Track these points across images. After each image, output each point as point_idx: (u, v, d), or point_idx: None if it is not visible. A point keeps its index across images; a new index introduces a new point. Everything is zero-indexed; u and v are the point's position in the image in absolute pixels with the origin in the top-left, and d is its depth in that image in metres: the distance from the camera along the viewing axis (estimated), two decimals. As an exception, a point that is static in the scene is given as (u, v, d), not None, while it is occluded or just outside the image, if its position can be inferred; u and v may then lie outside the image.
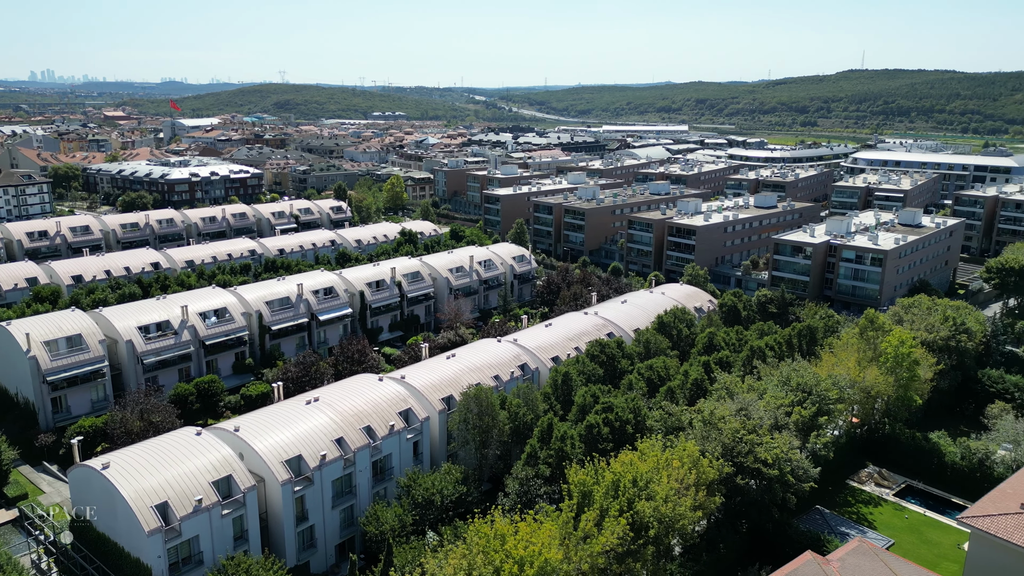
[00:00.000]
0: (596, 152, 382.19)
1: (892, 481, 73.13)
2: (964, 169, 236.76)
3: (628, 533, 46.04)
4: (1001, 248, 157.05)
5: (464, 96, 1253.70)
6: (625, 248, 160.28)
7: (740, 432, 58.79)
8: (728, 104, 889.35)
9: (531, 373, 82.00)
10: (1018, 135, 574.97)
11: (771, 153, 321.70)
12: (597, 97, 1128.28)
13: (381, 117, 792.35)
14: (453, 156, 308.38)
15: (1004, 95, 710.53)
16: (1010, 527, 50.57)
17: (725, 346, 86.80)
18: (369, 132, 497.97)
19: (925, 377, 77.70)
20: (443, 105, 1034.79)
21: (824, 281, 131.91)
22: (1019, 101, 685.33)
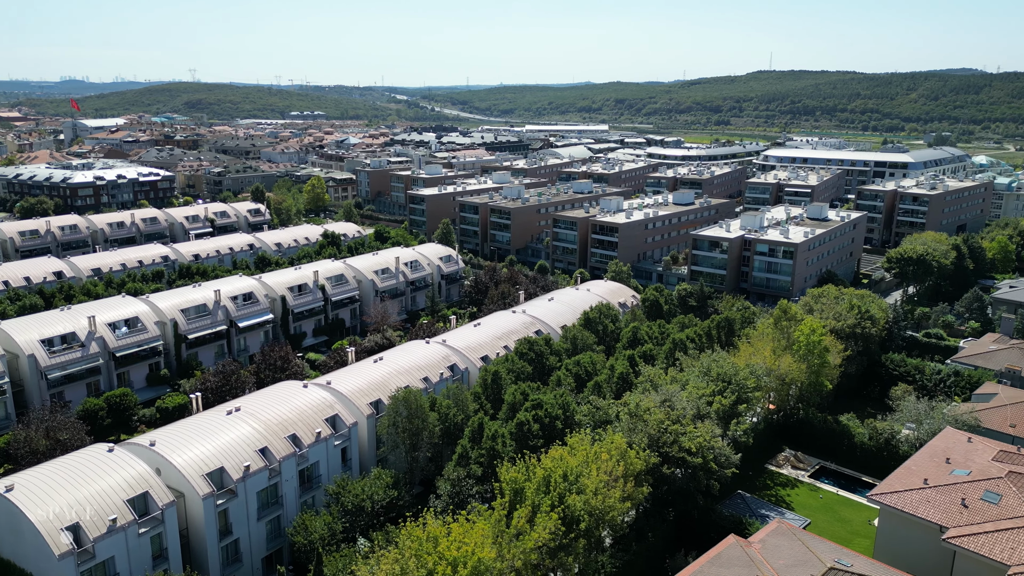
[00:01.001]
0: (520, 152, 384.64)
1: (807, 463, 76.75)
2: (865, 165, 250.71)
3: (560, 527, 46.59)
4: (900, 239, 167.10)
5: (385, 95, 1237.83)
6: (551, 246, 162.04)
7: (665, 423, 60.42)
8: (646, 104, 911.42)
9: (461, 373, 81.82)
10: (913, 132, 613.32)
11: (688, 152, 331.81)
12: (519, 97, 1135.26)
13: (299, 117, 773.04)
14: (376, 156, 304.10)
15: (900, 94, 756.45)
16: (915, 502, 53.94)
17: (649, 340, 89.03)
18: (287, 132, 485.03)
19: (834, 363, 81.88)
20: (364, 104, 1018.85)
21: (740, 274, 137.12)
22: (913, 100, 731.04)
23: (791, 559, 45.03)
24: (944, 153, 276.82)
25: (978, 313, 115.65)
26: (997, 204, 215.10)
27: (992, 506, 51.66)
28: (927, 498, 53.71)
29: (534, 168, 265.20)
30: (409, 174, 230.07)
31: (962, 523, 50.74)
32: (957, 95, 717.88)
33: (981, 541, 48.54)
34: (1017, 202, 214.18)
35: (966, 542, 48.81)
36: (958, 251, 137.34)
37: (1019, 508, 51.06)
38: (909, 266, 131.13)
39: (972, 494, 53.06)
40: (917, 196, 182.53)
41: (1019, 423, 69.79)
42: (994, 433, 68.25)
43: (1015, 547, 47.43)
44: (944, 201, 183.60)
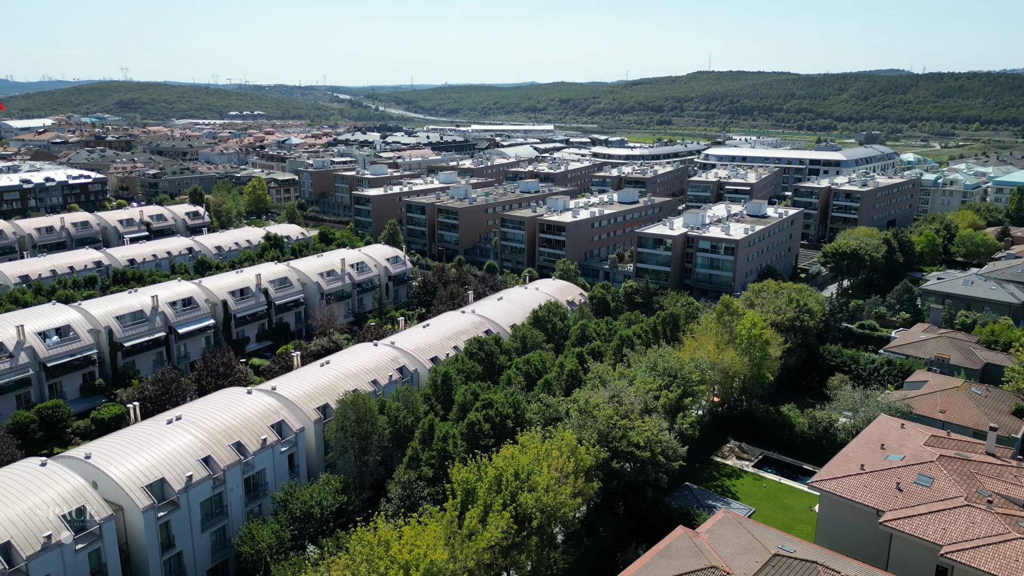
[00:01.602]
0: (466, 151, 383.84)
1: (751, 453, 78.86)
2: (801, 163, 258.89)
3: (512, 526, 46.70)
4: (835, 234, 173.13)
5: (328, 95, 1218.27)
6: (499, 246, 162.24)
7: (614, 418, 61.21)
8: (590, 104, 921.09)
9: (410, 375, 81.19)
10: (845, 131, 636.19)
11: (631, 151, 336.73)
12: (464, 96, 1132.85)
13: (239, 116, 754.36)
14: (319, 156, 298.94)
15: (832, 95, 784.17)
16: (853, 487, 55.99)
17: (597, 337, 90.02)
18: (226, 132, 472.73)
19: (775, 355, 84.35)
20: (306, 104, 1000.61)
21: (684, 271, 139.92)
22: (845, 100, 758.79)
23: (737, 547, 46.18)
24: (874, 151, 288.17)
25: (908, 304, 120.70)
26: (924, 200, 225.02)
27: (925, 489, 54.02)
28: (864, 483, 55.81)
29: (481, 168, 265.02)
30: (354, 174, 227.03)
31: (897, 506, 52.89)
32: (885, 95, 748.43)
33: (915, 523, 50.69)
34: (943, 197, 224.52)
35: (901, 524, 50.91)
36: (889, 245, 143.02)
37: (950, 490, 53.54)
38: (843, 260, 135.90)
39: (906, 478, 55.37)
40: (850, 193, 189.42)
41: (948, 409, 73.18)
42: (925, 419, 71.37)
43: (946, 528, 49.72)
44: (875, 197, 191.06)
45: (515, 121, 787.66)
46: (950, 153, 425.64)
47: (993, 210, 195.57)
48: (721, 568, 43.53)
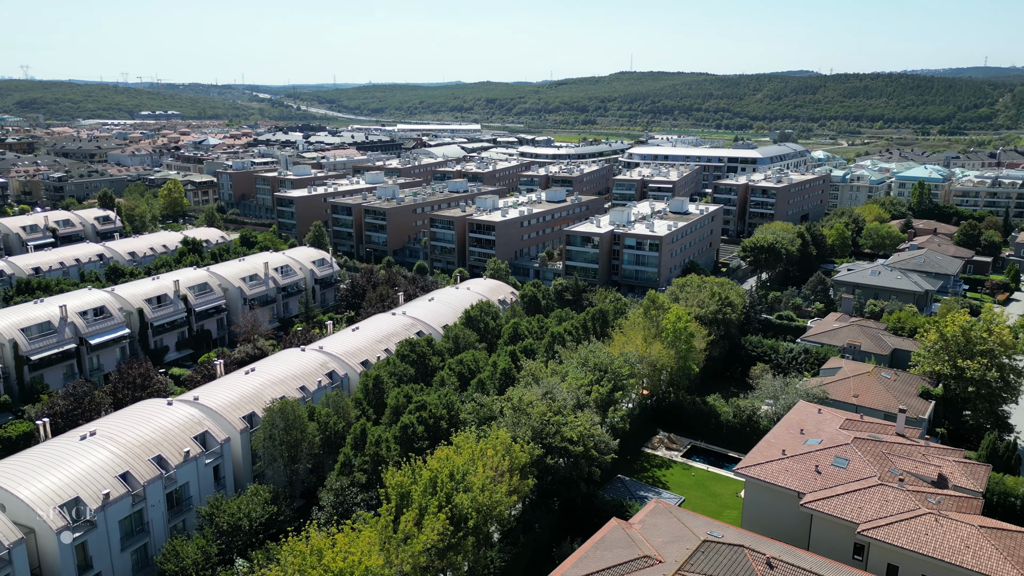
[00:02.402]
0: (392, 151, 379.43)
1: (680, 444, 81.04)
2: (720, 161, 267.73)
3: (448, 527, 46.47)
4: (753, 229, 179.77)
5: (246, 94, 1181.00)
6: (429, 246, 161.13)
7: (547, 415, 61.75)
8: (516, 104, 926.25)
9: (340, 380, 79.64)
10: (760, 130, 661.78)
11: (558, 150, 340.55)
12: (390, 96, 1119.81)
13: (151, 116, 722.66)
14: (238, 157, 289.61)
15: (748, 95, 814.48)
16: (775, 472, 58.31)
17: (529, 335, 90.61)
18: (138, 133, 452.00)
19: (700, 347, 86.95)
20: (223, 103, 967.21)
21: (611, 267, 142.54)
22: (759, 100, 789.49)
23: (669, 536, 47.37)
24: (787, 149, 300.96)
25: (822, 295, 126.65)
26: (834, 195, 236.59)
27: (841, 470, 56.79)
28: (786, 468, 58.22)
29: (408, 168, 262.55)
30: (276, 175, 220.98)
31: (817, 488, 55.42)
32: (797, 95, 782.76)
33: (833, 503, 53.23)
34: (851, 192, 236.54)
35: (820, 505, 53.37)
36: (803, 239, 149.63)
37: (864, 471, 56.47)
38: (761, 254, 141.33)
39: (824, 461, 58.07)
40: (766, 189, 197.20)
41: (861, 393, 77.17)
42: (840, 404, 75.05)
43: (862, 506, 52.41)
44: (789, 193, 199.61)
45: (442, 120, 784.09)
46: (857, 150, 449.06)
47: (897, 204, 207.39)
48: (654, 557, 44.56)
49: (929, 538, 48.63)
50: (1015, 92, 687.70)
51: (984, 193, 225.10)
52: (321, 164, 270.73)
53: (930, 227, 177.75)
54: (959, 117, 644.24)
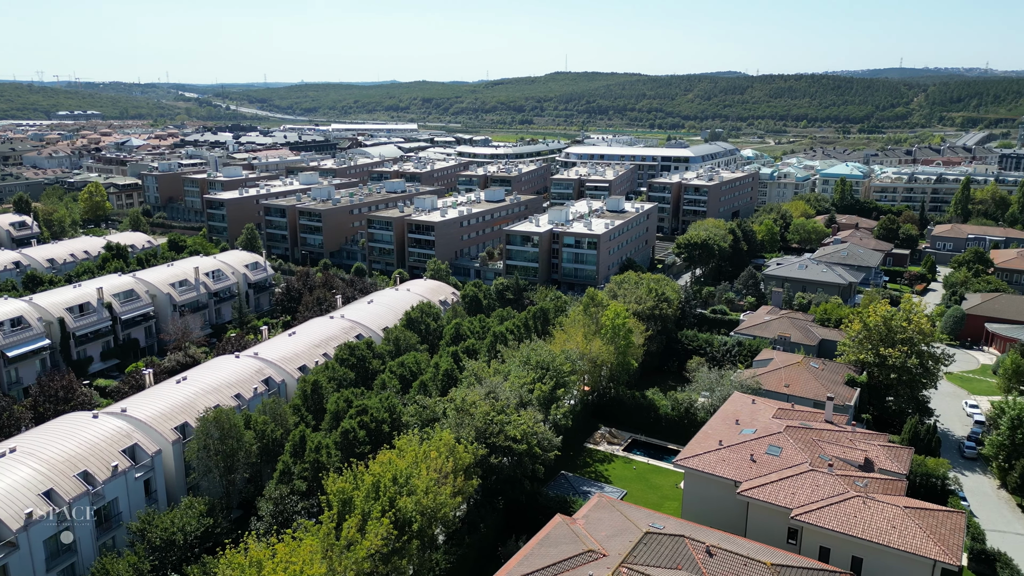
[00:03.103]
0: (327, 151, 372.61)
1: (621, 438, 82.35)
2: (654, 160, 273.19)
3: (392, 532, 45.95)
4: (686, 226, 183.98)
5: (172, 93, 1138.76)
6: (367, 247, 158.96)
7: (490, 414, 61.78)
8: (453, 103, 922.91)
9: (277, 386, 77.76)
10: (692, 129, 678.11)
11: (496, 150, 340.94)
12: (323, 95, 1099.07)
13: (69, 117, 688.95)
14: (165, 159, 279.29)
15: (679, 95, 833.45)
16: (712, 462, 59.89)
17: (471, 335, 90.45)
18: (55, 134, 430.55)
19: (638, 343, 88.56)
20: (147, 103, 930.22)
21: (551, 266, 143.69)
22: (690, 100, 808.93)
23: (612, 529, 48.06)
24: (718, 148, 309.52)
25: (753, 289, 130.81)
26: (763, 192, 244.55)
27: (775, 458, 58.76)
28: (722, 458, 59.87)
29: (344, 168, 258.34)
30: (205, 177, 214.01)
31: (752, 476, 57.18)
32: (726, 95, 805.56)
33: (768, 490, 55.03)
34: (778, 189, 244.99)
35: (756, 493, 55.09)
36: (734, 235, 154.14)
37: (796, 458, 58.57)
38: (695, 250, 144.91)
39: (759, 449, 59.98)
40: (698, 187, 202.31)
41: (791, 383, 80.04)
42: (772, 394, 77.68)
43: (795, 492, 54.35)
44: (720, 191, 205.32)
45: (377, 120, 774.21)
46: (783, 149, 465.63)
47: (821, 200, 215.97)
48: (598, 551, 45.12)
49: (857, 520, 50.81)
50: (928, 92, 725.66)
51: (901, 189, 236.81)
52: (253, 165, 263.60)
53: (852, 222, 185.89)
54: (877, 116, 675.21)
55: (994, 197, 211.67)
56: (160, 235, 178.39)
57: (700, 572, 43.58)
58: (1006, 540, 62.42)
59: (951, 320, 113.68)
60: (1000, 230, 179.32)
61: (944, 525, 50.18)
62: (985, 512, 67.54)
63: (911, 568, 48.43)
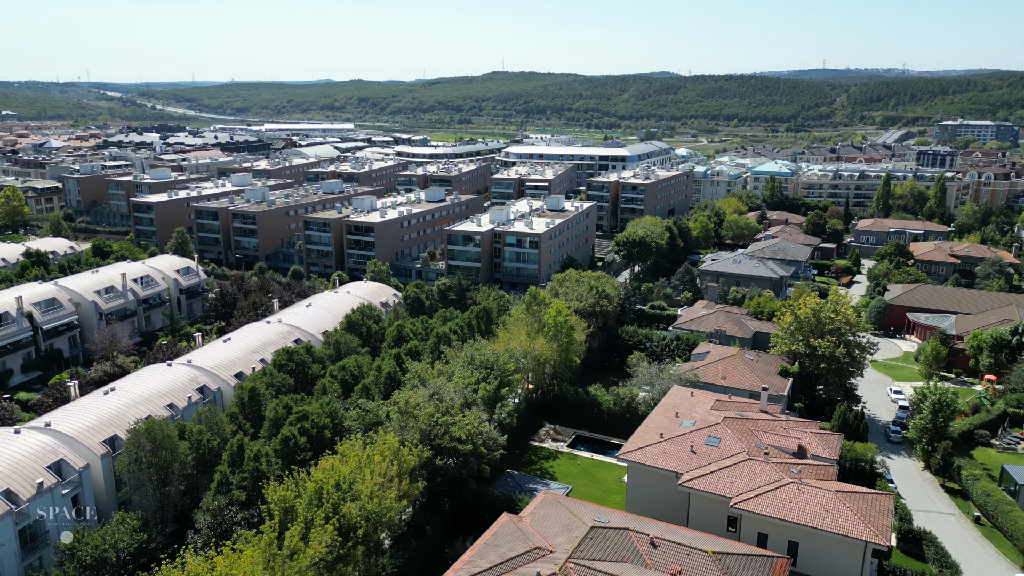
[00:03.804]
0: (261, 152, 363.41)
1: (565, 434, 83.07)
2: (592, 159, 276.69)
3: (336, 539, 45.17)
4: (625, 224, 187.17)
5: (93, 92, 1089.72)
6: (304, 250, 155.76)
7: (435, 416, 61.41)
8: (390, 103, 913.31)
9: (212, 394, 75.44)
10: (628, 129, 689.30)
11: (435, 150, 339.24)
12: (255, 94, 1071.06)
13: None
14: (87, 160, 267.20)
15: (615, 95, 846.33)
16: (654, 455, 61.03)
17: (413, 336, 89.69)
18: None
19: (580, 340, 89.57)
20: (67, 102, 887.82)
21: (493, 265, 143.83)
22: (626, 100, 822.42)
23: (558, 526, 48.44)
24: (653, 147, 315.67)
25: (689, 284, 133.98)
26: (697, 189, 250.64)
27: (714, 449, 60.32)
28: (664, 450, 61.10)
29: (278, 169, 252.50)
30: (131, 179, 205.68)
31: (693, 467, 58.53)
32: (660, 95, 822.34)
33: (708, 481, 56.43)
34: (712, 187, 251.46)
35: (696, 484, 56.43)
36: (671, 232, 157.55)
37: (734, 447, 60.26)
38: (634, 248, 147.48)
39: (698, 441, 61.45)
40: (635, 185, 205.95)
41: (728, 375, 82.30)
42: (710, 386, 79.69)
43: (733, 481, 55.90)
44: (657, 189, 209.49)
45: (312, 120, 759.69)
46: (716, 147, 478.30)
47: (752, 197, 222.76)
48: (544, 547, 45.42)
49: (793, 506, 52.63)
50: (850, 92, 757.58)
51: (827, 185, 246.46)
52: (182, 167, 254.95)
53: (782, 218, 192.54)
54: (803, 115, 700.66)
55: (913, 192, 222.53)
56: (84, 240, 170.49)
57: (645, 563, 44.36)
58: (931, 519, 65.80)
59: (875, 310, 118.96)
60: (919, 224, 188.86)
61: (873, 507, 52.47)
62: (911, 493, 70.99)
63: (844, 550, 50.48)
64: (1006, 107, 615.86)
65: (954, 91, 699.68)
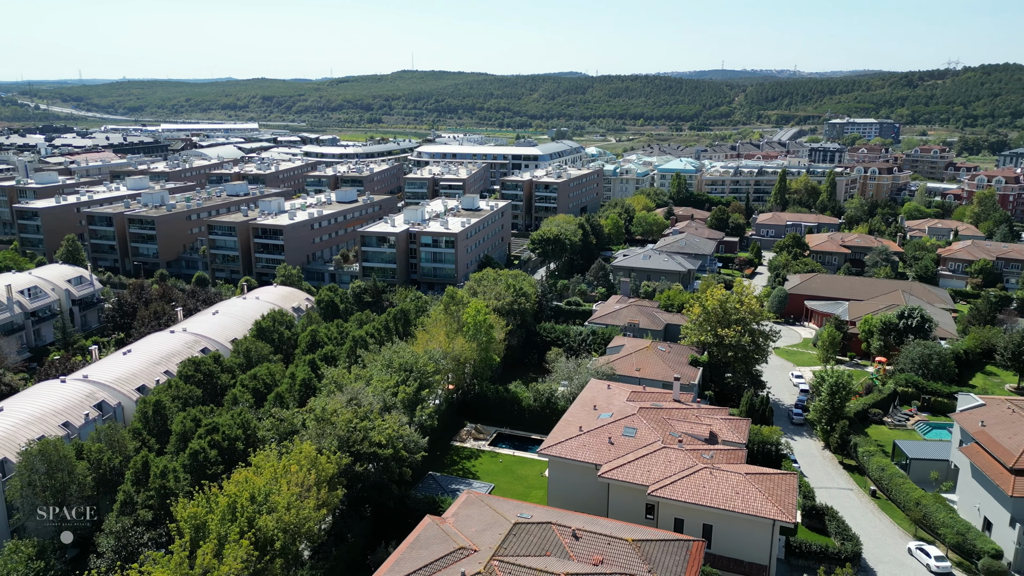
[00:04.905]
0: (158, 153, 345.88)
1: (486, 433, 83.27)
2: (505, 158, 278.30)
3: (252, 553, 43.61)
4: (539, 222, 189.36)
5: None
6: (209, 255, 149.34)
7: (353, 421, 60.24)
8: (296, 102, 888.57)
9: (113, 410, 71.33)
10: (539, 128, 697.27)
11: (345, 150, 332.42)
12: (150, 93, 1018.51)
13: None
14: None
15: (525, 94, 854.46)
16: (574, 448, 62.07)
17: (328, 341, 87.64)
18: None
19: (500, 338, 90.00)
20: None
21: (409, 266, 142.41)
22: (536, 100, 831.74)
23: (482, 524, 48.52)
24: (564, 146, 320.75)
25: (603, 280, 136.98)
26: (607, 187, 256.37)
27: (631, 439, 61.93)
28: (583, 443, 62.24)
29: (178, 171, 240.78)
30: (13, 184, 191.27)
31: (611, 458, 59.90)
32: (569, 95, 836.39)
33: (626, 471, 57.89)
34: (621, 185, 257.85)
35: (615, 474, 57.79)
36: (584, 229, 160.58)
37: (650, 437, 62.06)
38: (549, 245, 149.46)
39: (616, 432, 62.94)
40: (548, 184, 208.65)
41: (642, 367, 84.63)
42: (626, 378, 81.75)
43: (650, 469, 57.58)
44: (569, 187, 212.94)
45: (214, 120, 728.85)
46: (624, 146, 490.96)
47: (660, 193, 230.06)
48: (469, 547, 45.40)
49: (706, 490, 54.74)
50: (747, 92, 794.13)
51: (729, 181, 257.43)
52: (71, 170, 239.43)
53: (688, 213, 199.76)
54: (704, 114, 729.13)
55: (807, 187, 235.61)
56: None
57: (568, 556, 45.07)
58: (831, 495, 69.90)
59: (776, 300, 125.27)
60: (813, 216, 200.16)
61: (780, 487, 55.26)
62: (813, 471, 75.21)
63: (754, 529, 52.93)
64: (887, 105, 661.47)
65: (841, 91, 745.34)
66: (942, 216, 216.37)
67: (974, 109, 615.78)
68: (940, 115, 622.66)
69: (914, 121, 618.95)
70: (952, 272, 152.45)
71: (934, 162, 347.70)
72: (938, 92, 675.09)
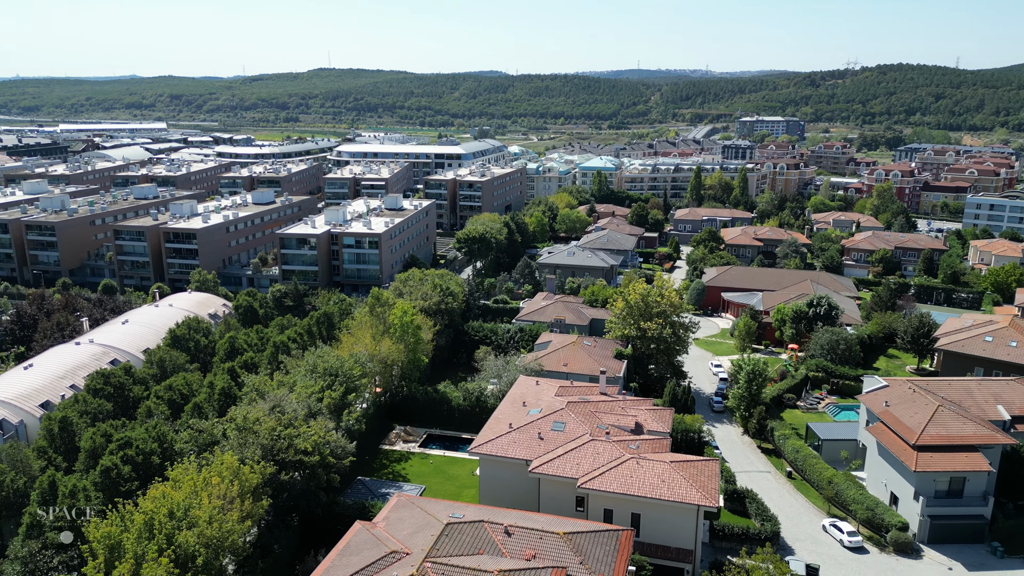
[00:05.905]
0: (57, 155, 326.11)
1: (416, 435, 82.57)
2: (428, 157, 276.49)
3: (173, 571, 41.84)
4: (464, 221, 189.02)
5: None
6: (116, 262, 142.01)
7: (277, 429, 58.61)
8: (207, 100, 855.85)
9: (14, 428, 66.97)
10: (461, 127, 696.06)
11: (260, 150, 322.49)
12: (46, 91, 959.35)
13: None
14: None
15: (446, 93, 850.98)
16: (504, 445, 62.35)
17: (248, 348, 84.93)
18: None
19: (427, 339, 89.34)
20: None
21: (332, 268, 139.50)
22: (457, 98, 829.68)
23: (413, 527, 48.13)
24: (487, 145, 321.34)
25: (529, 277, 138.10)
26: (531, 185, 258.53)
27: (560, 434, 62.71)
28: (513, 440, 62.60)
29: (79, 174, 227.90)
30: None
31: (541, 453, 60.49)
32: (490, 94, 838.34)
33: (556, 465, 58.60)
34: (544, 183, 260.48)
35: (545, 469, 58.41)
36: (508, 228, 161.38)
37: (578, 430, 63.00)
38: (474, 244, 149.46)
39: (545, 427, 63.59)
40: (472, 183, 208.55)
41: (569, 362, 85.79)
42: (554, 373, 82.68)
43: (579, 463, 58.48)
44: (493, 186, 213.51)
45: (118, 119, 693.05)
46: (545, 145, 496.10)
47: (582, 191, 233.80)
48: (401, 551, 44.95)
49: (633, 480, 56.05)
50: (662, 91, 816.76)
51: (647, 179, 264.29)
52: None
53: (609, 210, 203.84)
54: (623, 113, 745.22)
55: (720, 183, 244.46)
56: None
57: (501, 553, 45.26)
58: (751, 478, 72.87)
59: (694, 292, 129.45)
60: (727, 211, 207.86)
61: (703, 473, 57.16)
62: (733, 456, 78.18)
63: (679, 515, 54.58)
64: (793, 104, 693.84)
65: (750, 90, 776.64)
66: (845, 209, 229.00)
67: (872, 107, 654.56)
68: (841, 113, 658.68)
69: (818, 119, 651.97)
70: (855, 262, 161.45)
71: (837, 158, 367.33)
72: (839, 91, 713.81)
